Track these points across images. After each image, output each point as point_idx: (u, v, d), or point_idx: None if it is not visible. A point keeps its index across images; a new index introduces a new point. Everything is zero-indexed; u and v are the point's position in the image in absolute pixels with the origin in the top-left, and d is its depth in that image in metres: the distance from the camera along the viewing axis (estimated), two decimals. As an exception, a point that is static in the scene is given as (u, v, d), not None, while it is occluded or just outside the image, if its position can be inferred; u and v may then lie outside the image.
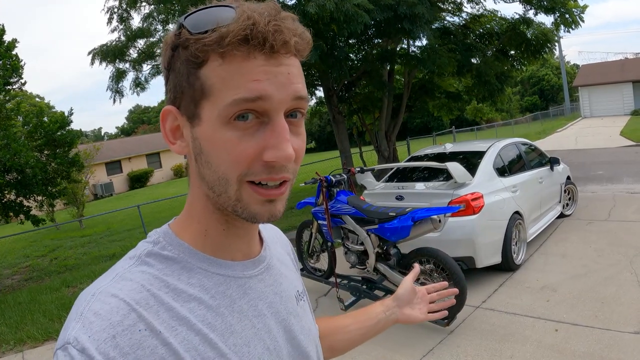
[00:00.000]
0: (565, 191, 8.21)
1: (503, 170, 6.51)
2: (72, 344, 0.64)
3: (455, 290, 1.37)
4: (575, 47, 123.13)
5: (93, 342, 0.64)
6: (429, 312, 1.36)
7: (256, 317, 0.83)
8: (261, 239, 0.96)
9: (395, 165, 8.22)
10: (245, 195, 0.74)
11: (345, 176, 5.59)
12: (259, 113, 0.70)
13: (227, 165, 0.72)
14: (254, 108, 0.69)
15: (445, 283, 1.41)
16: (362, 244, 5.19)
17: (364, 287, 5.33)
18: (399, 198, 6.17)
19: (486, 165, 6.29)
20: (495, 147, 6.74)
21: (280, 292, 0.91)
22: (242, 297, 0.82)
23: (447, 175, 6.01)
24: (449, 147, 7.25)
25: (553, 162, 7.82)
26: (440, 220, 4.57)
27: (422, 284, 4.66)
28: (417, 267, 1.44)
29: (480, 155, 6.54)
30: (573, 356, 3.92)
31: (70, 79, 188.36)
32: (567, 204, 8.44)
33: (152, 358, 0.67)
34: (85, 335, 0.64)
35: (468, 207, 5.53)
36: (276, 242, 1.05)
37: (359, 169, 6.05)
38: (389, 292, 5.19)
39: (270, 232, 1.05)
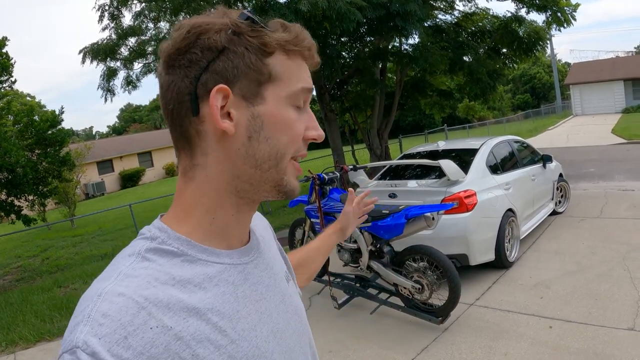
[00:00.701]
0: (557, 188, 8.23)
1: (496, 168, 6.50)
2: (81, 347, 0.63)
3: (368, 190, 1.76)
4: (566, 46, 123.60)
5: (104, 344, 0.63)
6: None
7: (258, 301, 0.85)
8: None
9: (388, 162, 8.21)
10: (289, 169, 0.84)
11: (337, 174, 5.56)
12: (304, 102, 0.85)
13: (288, 139, 0.82)
14: (306, 97, 0.85)
15: (369, 190, 1.75)
16: (355, 242, 5.17)
17: (358, 285, 5.32)
18: (392, 196, 6.16)
19: (479, 163, 6.29)
20: (487, 145, 6.74)
21: (273, 274, 0.94)
22: (243, 283, 0.84)
23: (440, 173, 5.99)
24: (442, 145, 7.24)
25: (545, 159, 7.83)
26: (433, 218, 4.56)
27: (417, 281, 4.68)
28: (351, 191, 1.75)
29: (473, 152, 6.53)
30: (568, 353, 3.93)
31: (62, 78, 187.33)
32: (560, 201, 8.46)
33: (166, 355, 0.67)
34: (95, 338, 0.63)
35: (461, 204, 5.53)
36: (259, 225, 1.08)
37: (351, 166, 6.03)
38: (383, 290, 5.19)
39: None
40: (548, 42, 14.41)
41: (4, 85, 10.02)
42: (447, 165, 5.66)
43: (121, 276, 0.72)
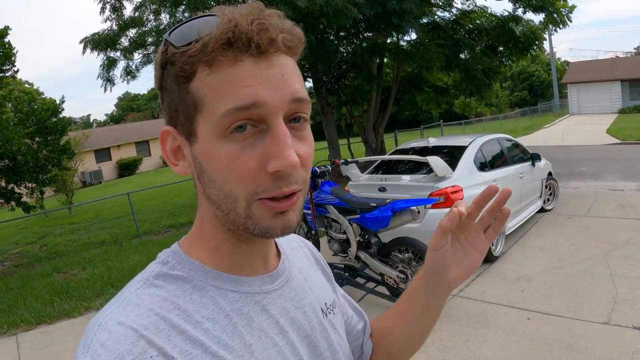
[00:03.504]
0: (546, 186, 8.37)
1: (484, 165, 6.67)
2: None
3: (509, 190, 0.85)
4: (566, 44, 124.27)
5: None
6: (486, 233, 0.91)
7: (278, 334, 0.77)
8: (278, 251, 0.90)
9: (379, 157, 8.37)
10: (256, 211, 0.69)
11: (329, 167, 5.74)
12: (256, 121, 0.66)
13: (232, 182, 0.67)
14: (249, 117, 0.65)
15: (494, 187, 0.85)
16: (344, 232, 5.34)
17: (346, 274, 5.49)
18: (382, 189, 6.33)
19: (467, 160, 6.45)
20: (476, 143, 6.89)
21: (302, 306, 0.85)
22: (260, 314, 0.77)
23: (429, 169, 6.15)
24: (432, 141, 7.40)
25: (534, 158, 7.96)
26: (418, 212, 4.73)
27: (401, 271, 4.87)
28: (457, 206, 0.87)
29: (461, 149, 6.68)
30: (543, 343, 4.11)
31: (58, 65, 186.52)
32: (548, 199, 8.63)
33: None
34: None
35: (447, 199, 5.67)
36: (299, 252, 0.99)
37: (343, 160, 6.18)
38: (370, 279, 5.37)
39: (291, 242, 0.99)
40: (544, 41, 14.52)
41: (7, 74, 10.13)
42: (435, 161, 5.81)
43: (124, 303, 0.69)
